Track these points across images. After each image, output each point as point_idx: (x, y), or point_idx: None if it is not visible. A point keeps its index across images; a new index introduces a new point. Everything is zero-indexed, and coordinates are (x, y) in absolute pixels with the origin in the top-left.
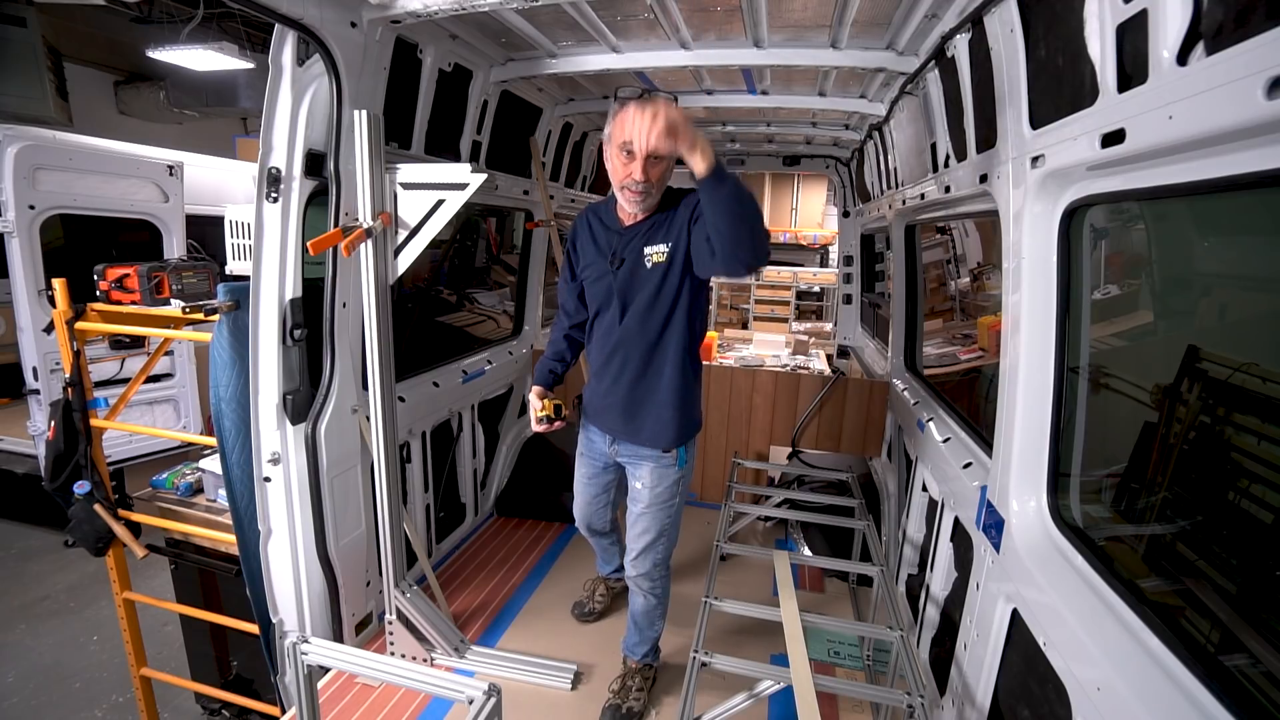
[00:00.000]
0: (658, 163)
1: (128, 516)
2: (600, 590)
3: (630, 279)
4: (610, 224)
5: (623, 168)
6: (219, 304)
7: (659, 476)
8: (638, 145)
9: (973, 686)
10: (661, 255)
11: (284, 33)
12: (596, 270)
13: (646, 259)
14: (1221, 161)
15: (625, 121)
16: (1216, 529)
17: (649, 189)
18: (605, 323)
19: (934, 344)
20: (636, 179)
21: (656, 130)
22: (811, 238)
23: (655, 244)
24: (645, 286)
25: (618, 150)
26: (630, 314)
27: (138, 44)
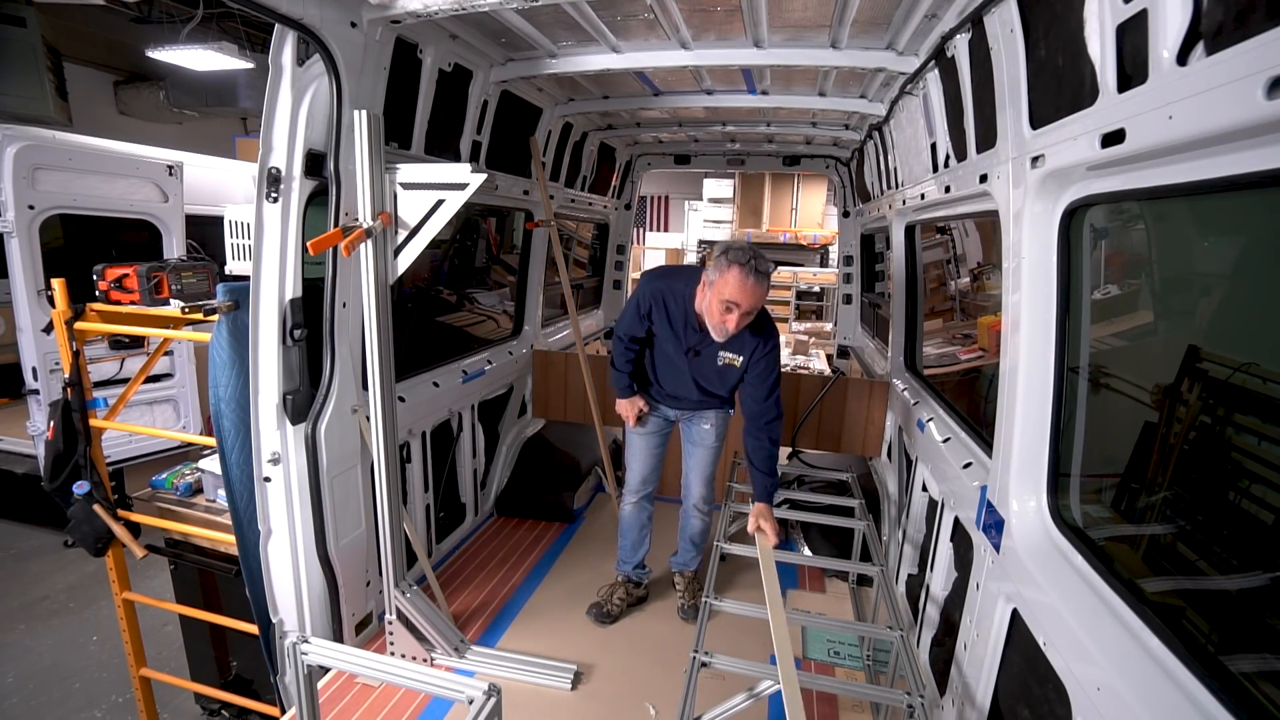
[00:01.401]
0: (748, 317)
1: (127, 517)
2: (620, 594)
3: (703, 367)
4: (690, 319)
5: (720, 316)
6: (218, 304)
7: (721, 420)
8: (739, 302)
9: (973, 686)
10: (734, 361)
11: (284, 33)
12: (670, 344)
13: (720, 359)
14: (1221, 161)
15: (733, 283)
16: (1217, 529)
17: (734, 333)
18: (672, 369)
19: (934, 344)
20: (730, 330)
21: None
22: (811, 238)
23: (729, 351)
24: (715, 376)
25: (719, 302)
26: (698, 384)
27: (138, 44)
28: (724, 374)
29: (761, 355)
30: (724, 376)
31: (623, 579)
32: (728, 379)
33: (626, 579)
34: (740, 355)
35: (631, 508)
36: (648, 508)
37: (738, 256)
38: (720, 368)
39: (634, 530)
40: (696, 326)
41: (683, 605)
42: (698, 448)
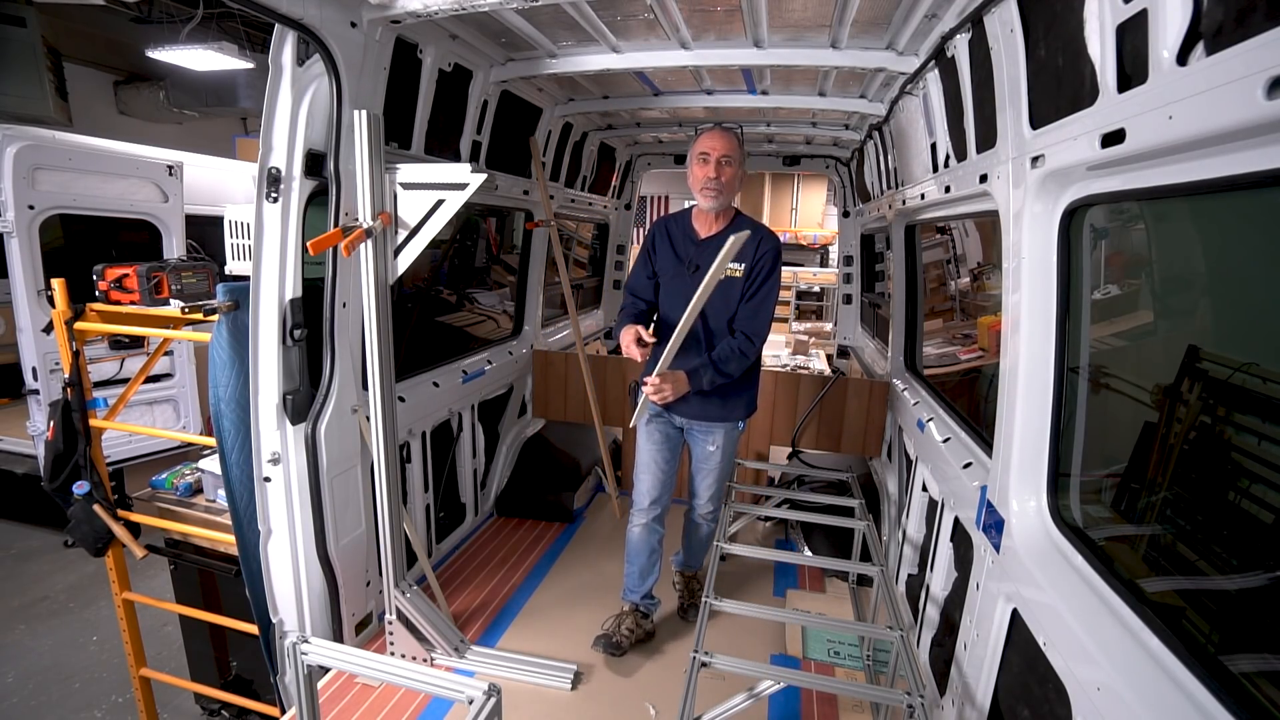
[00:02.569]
0: (727, 165)
1: (127, 517)
2: (628, 624)
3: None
4: (689, 234)
5: (700, 171)
6: (218, 304)
7: (729, 439)
8: (711, 150)
9: (973, 686)
10: (735, 271)
11: (284, 33)
12: (673, 271)
13: (724, 271)
14: (1221, 161)
15: (702, 140)
16: (1217, 529)
17: (720, 186)
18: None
19: (934, 344)
20: (711, 176)
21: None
22: (811, 238)
23: (732, 260)
24: (719, 294)
25: (696, 160)
26: (704, 313)
27: (137, 44)
28: (728, 289)
29: (762, 256)
30: (727, 295)
31: (630, 608)
32: (730, 298)
33: (635, 608)
34: (741, 263)
35: (640, 530)
36: (658, 530)
37: (707, 127)
38: (723, 283)
39: (642, 555)
40: (695, 239)
41: (682, 604)
42: (703, 466)
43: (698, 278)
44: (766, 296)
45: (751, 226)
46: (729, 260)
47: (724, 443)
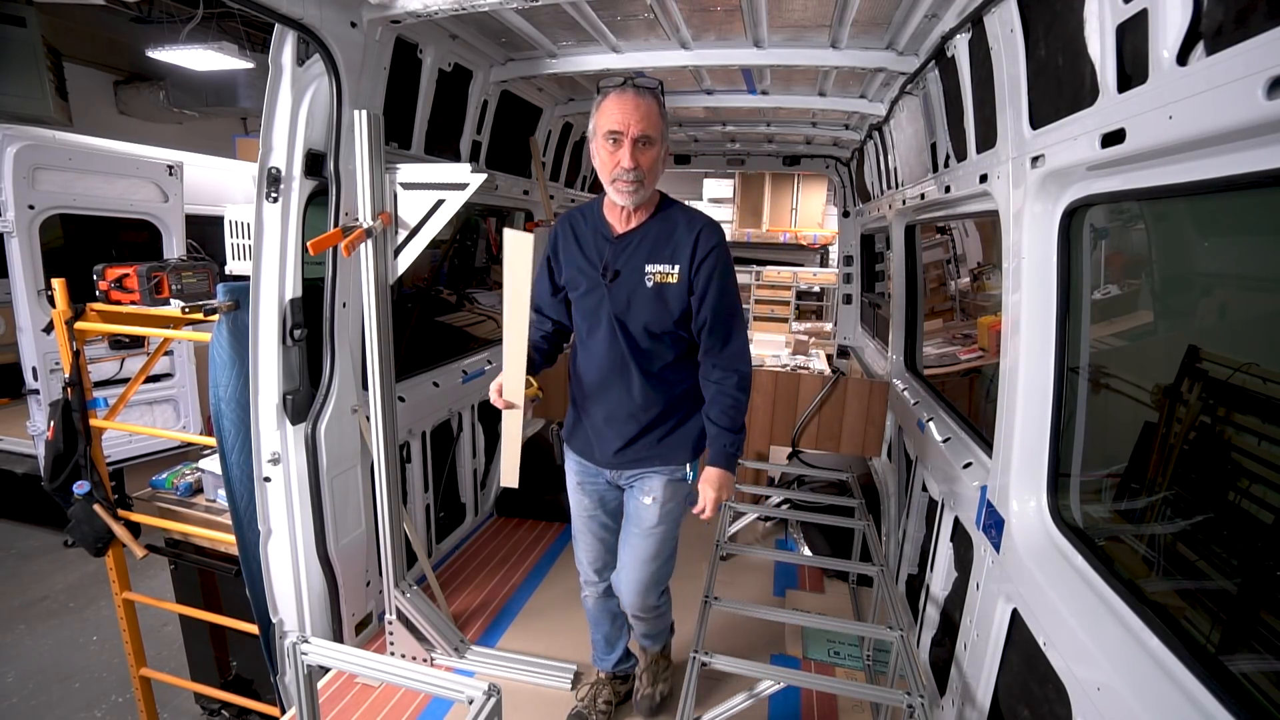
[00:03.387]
0: (648, 147)
1: (127, 517)
2: (605, 695)
3: (629, 295)
4: (600, 230)
5: (610, 157)
6: (219, 304)
7: (671, 491)
8: (623, 127)
9: (973, 686)
10: (669, 275)
11: (284, 33)
12: (586, 282)
13: (648, 277)
14: (1221, 161)
15: (608, 109)
16: (1217, 529)
17: (640, 176)
18: (600, 340)
19: (934, 344)
20: (626, 166)
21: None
22: (811, 238)
23: (659, 262)
24: (648, 305)
25: (603, 140)
26: (631, 332)
27: (137, 44)
28: (660, 297)
29: (706, 254)
30: (661, 302)
31: (606, 676)
32: (669, 305)
33: (611, 675)
34: (675, 265)
35: (594, 601)
36: (615, 595)
37: (612, 83)
38: (652, 291)
39: (604, 623)
40: (609, 235)
41: (638, 692)
42: (633, 529)
43: (617, 288)
44: (729, 304)
45: (685, 215)
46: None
47: (664, 497)
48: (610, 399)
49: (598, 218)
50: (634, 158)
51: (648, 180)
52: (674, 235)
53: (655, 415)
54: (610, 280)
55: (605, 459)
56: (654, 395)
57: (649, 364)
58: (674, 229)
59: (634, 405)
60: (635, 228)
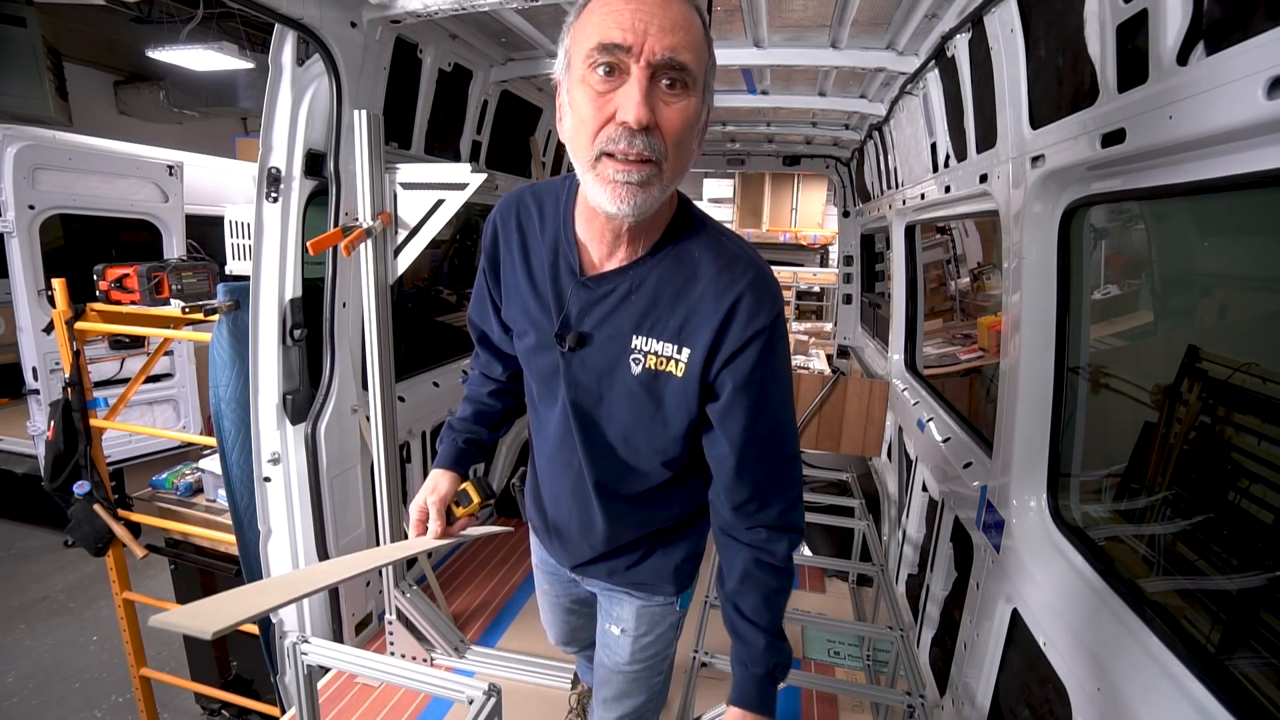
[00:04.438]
0: (680, 93)
1: (127, 517)
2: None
3: (599, 379)
4: (564, 252)
5: (597, 100)
6: (219, 304)
7: (649, 621)
8: (634, 39)
9: (973, 686)
10: (670, 362)
11: (284, 33)
12: (534, 331)
13: (635, 357)
14: (1221, 161)
15: (604, 5)
16: (1217, 529)
17: (659, 152)
18: (553, 424)
19: (934, 344)
20: (633, 120)
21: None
22: (811, 238)
23: (658, 336)
24: (629, 405)
25: (589, 68)
26: (596, 439)
27: (137, 44)
28: (652, 396)
29: (740, 343)
30: (653, 404)
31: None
32: (665, 411)
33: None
34: (684, 347)
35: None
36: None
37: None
38: (639, 382)
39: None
40: (575, 268)
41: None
42: (602, 657)
43: (579, 364)
44: (777, 431)
45: (716, 257)
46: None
47: (638, 628)
48: (566, 510)
49: (563, 228)
50: (649, 106)
51: (669, 165)
52: (693, 291)
53: (629, 547)
54: (570, 347)
55: (564, 562)
56: (624, 527)
57: (619, 487)
58: (694, 278)
59: (594, 534)
60: (624, 266)
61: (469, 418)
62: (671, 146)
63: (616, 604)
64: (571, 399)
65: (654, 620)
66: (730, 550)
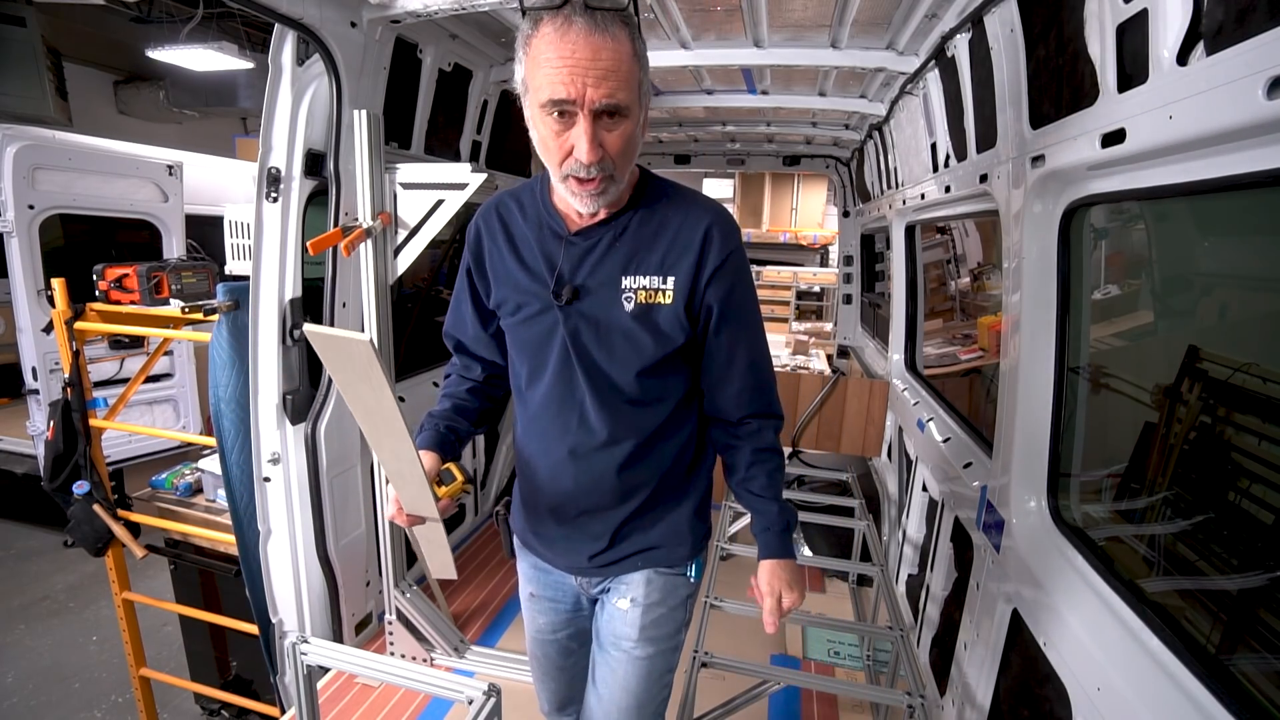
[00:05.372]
0: (618, 121)
1: (127, 517)
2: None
3: (596, 324)
4: (548, 223)
5: (556, 139)
6: (218, 304)
7: (661, 590)
8: (575, 94)
9: (973, 686)
10: (659, 294)
11: (284, 32)
12: (527, 303)
13: (626, 294)
14: (1221, 161)
15: (545, 57)
16: (1217, 529)
17: (609, 169)
18: (549, 390)
19: (934, 344)
20: (585, 159)
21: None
22: (811, 238)
23: (644, 273)
24: (628, 339)
25: (542, 110)
26: (600, 380)
27: (137, 44)
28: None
29: (723, 259)
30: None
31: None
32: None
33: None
34: (669, 276)
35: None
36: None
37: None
38: (634, 316)
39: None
40: (561, 231)
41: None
42: (603, 652)
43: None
44: (754, 329)
45: (682, 202)
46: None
47: (648, 597)
48: (570, 481)
49: (543, 206)
50: (596, 143)
51: (620, 171)
52: (666, 231)
53: (642, 501)
54: (567, 300)
55: (572, 563)
56: (639, 471)
57: (629, 425)
58: (666, 222)
59: (607, 489)
60: (604, 219)
61: (448, 410)
62: (618, 157)
63: (624, 582)
64: (574, 349)
65: (666, 590)
66: (734, 450)
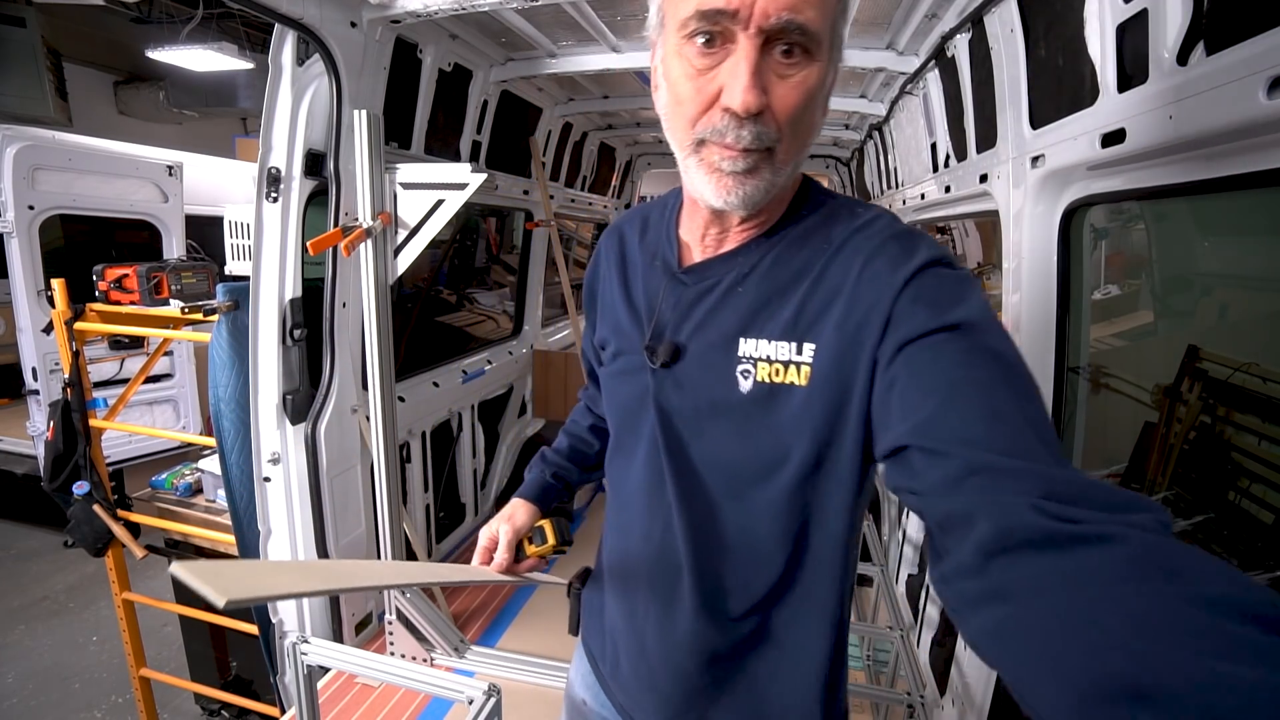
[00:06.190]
0: (799, 62)
1: (127, 517)
2: None
3: (694, 399)
4: (663, 249)
5: (695, 79)
6: (218, 304)
7: None
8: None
9: (973, 686)
10: (788, 371)
11: (284, 33)
12: (626, 348)
13: (742, 366)
14: (1221, 161)
15: None
16: (1217, 529)
17: (770, 139)
18: (641, 479)
19: None
20: (738, 101)
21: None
22: None
23: (767, 333)
24: (738, 434)
25: (682, 35)
26: (694, 486)
27: (137, 44)
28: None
29: (906, 336)
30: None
31: None
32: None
33: None
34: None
35: None
36: None
37: None
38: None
39: None
40: (671, 261)
41: None
42: None
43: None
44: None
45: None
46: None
47: None
48: (644, 603)
49: (666, 226)
50: (759, 84)
51: (786, 150)
52: (810, 269)
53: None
54: (662, 362)
55: (633, 705)
56: (738, 668)
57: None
58: (815, 255)
59: (685, 639)
60: (728, 251)
61: (564, 452)
62: (787, 127)
63: None
64: (663, 433)
65: None
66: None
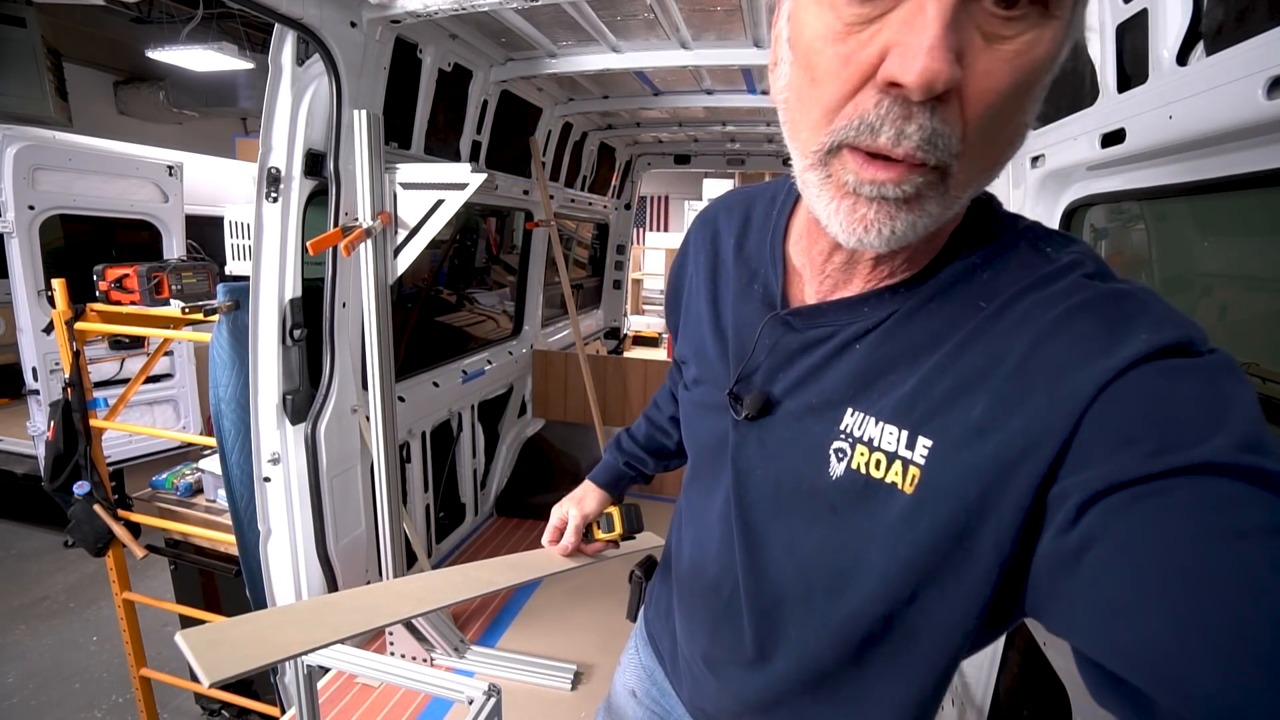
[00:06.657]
0: (1024, 20)
1: (127, 517)
2: None
3: (776, 468)
4: (765, 270)
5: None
6: (218, 304)
7: None
8: None
9: (973, 686)
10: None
11: (284, 33)
12: (708, 377)
13: (838, 444)
14: (1221, 161)
15: None
16: None
17: (950, 149)
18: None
19: None
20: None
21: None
22: None
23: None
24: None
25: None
26: (761, 577)
27: (137, 44)
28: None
29: (1122, 476)
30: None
31: None
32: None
33: None
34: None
35: None
36: None
37: None
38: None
39: None
40: (774, 292)
41: None
42: None
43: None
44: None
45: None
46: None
47: None
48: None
49: (772, 234)
50: (952, 46)
51: (968, 164)
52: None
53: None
54: (748, 415)
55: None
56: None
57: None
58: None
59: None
60: (856, 297)
61: (641, 440)
62: (980, 130)
63: None
64: (737, 500)
65: None
66: None
